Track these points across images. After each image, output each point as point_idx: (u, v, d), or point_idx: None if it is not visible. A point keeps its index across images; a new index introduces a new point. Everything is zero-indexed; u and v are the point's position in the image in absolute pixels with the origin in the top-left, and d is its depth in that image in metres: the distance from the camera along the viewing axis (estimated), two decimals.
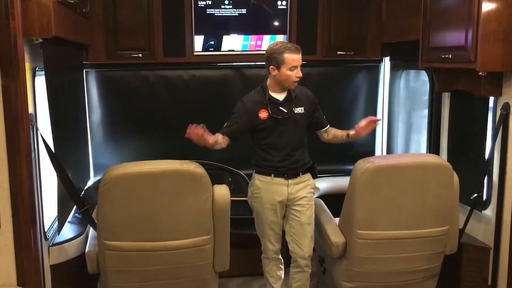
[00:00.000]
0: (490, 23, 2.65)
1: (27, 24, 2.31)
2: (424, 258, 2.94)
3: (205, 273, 2.82)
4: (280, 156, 2.99)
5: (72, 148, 3.42)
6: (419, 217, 2.85)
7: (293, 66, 2.90)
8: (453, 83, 3.19)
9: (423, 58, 3.24)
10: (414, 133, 4.08)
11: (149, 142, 4.23)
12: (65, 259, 2.90)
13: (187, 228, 2.68)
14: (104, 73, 4.12)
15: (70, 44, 3.23)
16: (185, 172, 2.61)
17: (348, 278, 2.98)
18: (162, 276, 2.75)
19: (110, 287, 2.74)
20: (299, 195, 3.03)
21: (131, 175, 2.57)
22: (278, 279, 3.23)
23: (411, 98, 4.11)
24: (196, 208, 2.66)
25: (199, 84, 4.22)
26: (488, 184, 3.08)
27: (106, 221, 2.62)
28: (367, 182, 2.78)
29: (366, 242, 2.86)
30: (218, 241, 2.79)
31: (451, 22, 2.93)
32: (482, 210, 3.11)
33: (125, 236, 2.63)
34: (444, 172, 2.83)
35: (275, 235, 3.11)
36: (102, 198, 2.58)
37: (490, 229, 3.04)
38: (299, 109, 3.01)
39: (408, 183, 2.81)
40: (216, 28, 4.05)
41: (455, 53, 2.88)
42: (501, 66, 2.72)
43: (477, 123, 3.21)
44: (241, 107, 3.01)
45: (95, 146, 4.21)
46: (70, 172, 2.94)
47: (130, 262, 2.68)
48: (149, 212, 2.61)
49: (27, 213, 2.34)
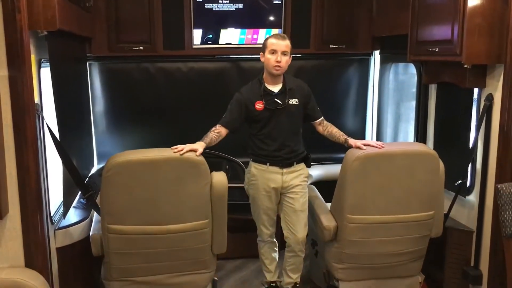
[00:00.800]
0: (475, 17, 2.75)
1: (33, 17, 2.36)
2: (411, 241, 3.06)
3: (203, 255, 2.94)
4: (275, 146, 3.09)
5: (77, 137, 3.51)
6: (406, 203, 2.97)
7: (272, 49, 2.99)
8: (440, 75, 3.28)
9: (412, 51, 3.33)
10: (402, 123, 4.19)
11: (149, 131, 4.32)
12: (70, 242, 2.98)
13: (187, 213, 2.79)
14: (106, 65, 4.20)
15: (74, 37, 3.30)
16: (185, 159, 2.71)
17: (339, 260, 3.10)
18: (162, 258, 2.86)
19: (114, 268, 2.85)
20: (292, 183, 3.13)
21: (134, 162, 2.67)
22: (272, 261, 3.36)
23: (399, 89, 4.21)
24: (195, 194, 2.77)
25: (197, 76, 4.31)
26: (472, 171, 3.19)
27: (110, 206, 2.72)
28: (357, 169, 2.90)
29: (356, 226, 2.98)
30: (216, 225, 2.90)
31: (439, 17, 3.02)
32: (466, 195, 3.23)
33: (128, 220, 2.73)
34: (431, 160, 2.95)
35: (269, 220, 3.24)
36: (105, 184, 2.68)
37: (473, 214, 3.16)
38: (293, 101, 3.10)
39: (396, 170, 2.92)
40: (214, 22, 4.14)
41: (442, 47, 2.98)
42: (485, 59, 2.82)
43: (462, 114, 3.32)
44: (239, 98, 3.11)
45: (98, 135, 4.30)
46: (74, 160, 3.02)
47: (133, 245, 2.78)
48: (150, 197, 2.72)
49: (34, 198, 2.39)
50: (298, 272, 3.27)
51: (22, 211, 2.40)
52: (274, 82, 3.09)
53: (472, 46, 2.78)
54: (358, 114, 4.66)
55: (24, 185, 2.38)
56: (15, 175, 2.36)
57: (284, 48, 2.99)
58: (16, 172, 2.36)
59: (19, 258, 2.43)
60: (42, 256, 2.48)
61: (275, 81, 3.09)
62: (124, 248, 2.80)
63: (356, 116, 4.66)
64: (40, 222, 2.47)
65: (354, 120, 4.65)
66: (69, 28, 2.82)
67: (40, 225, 2.46)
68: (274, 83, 3.09)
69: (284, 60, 3.00)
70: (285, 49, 3.00)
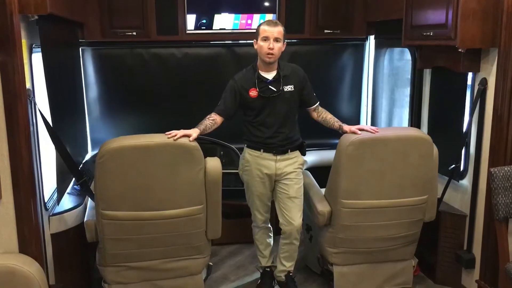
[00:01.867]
0: (469, 2, 2.75)
1: (23, 1, 2.33)
2: (404, 225, 3.08)
3: (198, 241, 2.95)
4: (269, 133, 3.07)
5: (70, 123, 3.49)
6: (400, 187, 2.98)
7: (265, 37, 2.95)
8: (434, 60, 3.28)
9: (406, 36, 3.32)
10: (397, 107, 4.19)
11: (143, 117, 4.31)
12: (64, 228, 2.99)
13: (181, 198, 2.79)
14: (99, 50, 4.16)
15: (66, 21, 3.25)
16: (178, 145, 2.70)
17: (333, 244, 3.12)
18: (157, 243, 2.87)
19: (108, 254, 2.86)
20: (286, 171, 3.12)
21: (127, 148, 2.66)
22: (267, 246, 3.36)
23: (394, 74, 4.20)
24: (189, 179, 2.77)
25: (191, 62, 4.28)
26: (465, 156, 3.21)
27: (103, 192, 2.72)
28: (352, 154, 2.91)
29: (350, 210, 3.00)
30: (211, 211, 2.91)
31: (433, 1, 3.01)
32: (459, 180, 3.26)
33: (122, 206, 2.73)
34: (425, 144, 2.95)
35: (263, 206, 3.24)
36: (99, 170, 2.68)
37: (467, 198, 3.19)
38: (288, 87, 3.07)
39: (390, 155, 2.93)
40: (208, 7, 4.10)
41: (436, 31, 2.97)
42: (479, 43, 2.83)
43: (456, 98, 3.32)
44: (232, 85, 3.08)
45: (92, 121, 4.28)
46: (68, 146, 3.01)
47: (127, 231, 2.79)
48: (144, 183, 2.71)
49: (27, 184, 2.38)
50: (292, 260, 3.26)
51: (15, 197, 2.38)
52: (268, 69, 3.06)
53: (466, 30, 2.79)
54: (352, 99, 4.64)
55: (17, 170, 2.36)
56: (7, 160, 2.34)
57: (276, 34, 2.95)
58: (9, 158, 2.34)
59: (13, 244, 2.42)
60: (36, 242, 2.47)
61: (269, 68, 3.06)
62: (118, 234, 2.80)
63: (351, 102, 4.64)
64: (34, 208, 2.45)
65: (349, 106, 4.64)
66: (61, 12, 2.78)
67: (33, 211, 2.44)
68: (268, 70, 3.07)
69: (277, 47, 2.97)
70: (278, 36, 2.96)
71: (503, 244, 2.66)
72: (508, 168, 2.66)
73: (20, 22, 2.34)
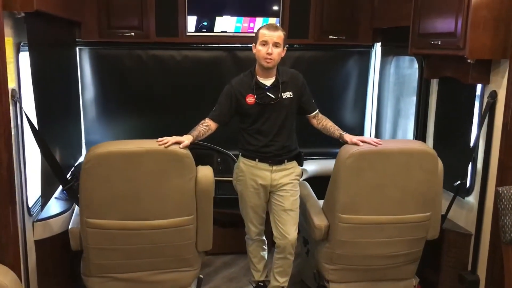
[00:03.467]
0: (480, 10, 2.61)
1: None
2: (405, 243, 2.94)
3: (187, 253, 2.82)
4: (264, 141, 2.96)
5: (61, 125, 3.39)
6: (402, 203, 2.85)
7: (263, 41, 2.84)
8: (442, 70, 3.15)
9: (413, 44, 3.19)
10: (402, 118, 4.06)
11: (141, 120, 4.23)
12: (50, 234, 2.88)
13: (170, 208, 2.67)
14: (97, 51, 4.08)
15: (60, 20, 3.17)
16: (168, 152, 2.58)
17: (330, 260, 2.98)
18: (144, 254, 2.74)
19: (93, 264, 2.73)
20: (282, 182, 2.99)
21: (114, 154, 2.55)
22: (261, 260, 3.23)
23: (400, 83, 4.06)
24: (179, 188, 2.65)
25: (191, 65, 4.18)
26: (472, 171, 3.07)
27: (88, 199, 2.60)
28: (351, 167, 2.77)
29: (348, 226, 2.86)
30: (201, 221, 2.78)
31: (442, 8, 2.88)
32: (465, 196, 3.11)
33: (108, 215, 2.62)
34: (429, 158, 2.81)
35: (258, 218, 3.11)
36: (84, 176, 2.56)
37: (472, 216, 3.03)
38: (287, 94, 2.95)
39: (392, 169, 2.80)
40: (210, 9, 4.00)
41: (445, 40, 2.84)
42: (489, 54, 2.68)
43: (464, 111, 3.18)
44: (229, 90, 2.97)
45: (88, 123, 4.19)
46: (59, 148, 2.90)
47: (112, 240, 2.67)
48: (131, 191, 2.60)
49: (5, 188, 2.28)
50: (286, 276, 3.11)
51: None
52: (267, 75, 2.94)
53: (476, 39, 2.65)
54: (357, 108, 4.52)
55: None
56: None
57: (276, 39, 2.83)
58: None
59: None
60: (13, 251, 2.38)
61: (267, 74, 2.93)
62: (104, 244, 2.68)
63: (354, 110, 4.52)
64: (12, 214, 2.35)
65: (352, 115, 4.52)
66: (51, 10, 2.68)
67: (12, 217, 2.35)
68: (267, 76, 2.94)
69: (276, 52, 2.84)
70: (277, 41, 2.83)
71: (509, 268, 2.49)
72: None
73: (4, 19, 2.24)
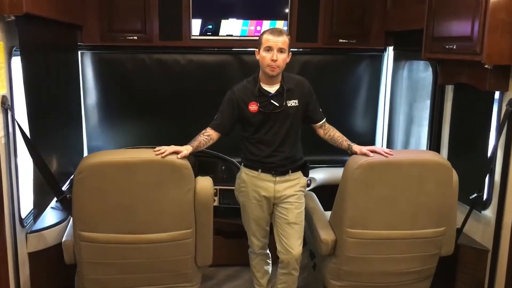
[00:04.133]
0: (499, 12, 2.47)
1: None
2: (417, 260, 2.80)
3: (185, 268, 2.70)
4: (267, 152, 2.83)
5: (60, 131, 3.30)
6: (414, 217, 2.70)
7: (268, 46, 2.70)
8: (457, 76, 3.00)
9: (427, 49, 3.05)
10: (415, 126, 3.90)
11: (144, 125, 4.17)
12: (44, 246, 2.80)
13: (167, 221, 2.56)
14: (99, 55, 4.01)
15: (58, 23, 3.08)
16: (165, 162, 2.47)
17: (337, 277, 2.84)
18: (140, 269, 2.63)
19: (86, 278, 2.62)
20: (286, 194, 2.86)
21: (108, 164, 2.44)
22: (265, 274, 3.11)
23: (413, 89, 3.91)
24: (176, 201, 2.53)
25: (196, 69, 4.10)
26: (489, 184, 2.91)
27: (81, 211, 2.50)
28: (359, 179, 2.63)
29: (356, 241, 2.72)
30: (200, 235, 2.66)
31: (457, 11, 2.74)
32: (481, 210, 2.95)
33: (101, 228, 2.51)
34: (443, 170, 2.67)
35: (261, 230, 2.98)
36: (77, 187, 2.46)
37: (489, 231, 2.88)
38: (292, 102, 2.82)
39: (403, 181, 2.66)
40: (215, 12, 3.90)
41: (460, 44, 2.70)
42: (508, 59, 2.53)
43: (480, 119, 3.02)
44: (231, 98, 2.85)
45: (90, 129, 4.13)
46: (58, 156, 2.82)
47: (107, 255, 2.56)
48: (126, 203, 2.49)
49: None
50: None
51: None
52: (271, 82, 2.81)
53: (494, 44, 2.50)
54: (368, 115, 4.39)
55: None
56: None
57: (281, 44, 2.69)
58: None
59: None
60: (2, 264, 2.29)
61: (271, 81, 2.80)
62: (98, 258, 2.57)
63: (366, 118, 4.39)
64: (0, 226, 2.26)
65: (363, 122, 4.39)
66: (44, 13, 2.58)
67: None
68: (271, 83, 2.81)
69: (281, 59, 2.70)
70: (282, 46, 2.70)
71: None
72: None
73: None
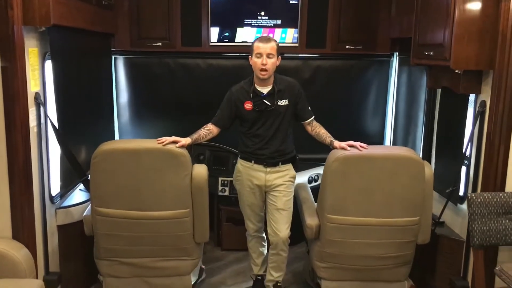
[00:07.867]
0: (465, 23, 2.70)
1: (29, 13, 2.59)
2: (394, 246, 3.03)
3: (185, 243, 3.08)
4: (260, 144, 3.15)
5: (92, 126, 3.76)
6: (388, 207, 2.95)
7: (258, 53, 3.04)
8: (441, 80, 3.22)
9: (414, 54, 3.29)
10: (414, 127, 4.11)
11: (169, 122, 4.52)
12: (71, 221, 3.23)
13: (167, 201, 2.95)
14: (130, 59, 4.46)
15: (90, 32, 3.52)
16: (165, 150, 2.87)
17: (321, 259, 3.13)
18: (145, 242, 3.04)
19: (101, 248, 3.07)
20: (276, 183, 3.18)
21: (117, 151, 2.88)
22: (260, 255, 3.43)
23: (412, 93, 4.11)
24: (175, 184, 2.92)
25: (215, 72, 4.46)
26: (466, 179, 3.11)
27: (97, 190, 2.94)
28: (336, 170, 2.92)
29: (335, 226, 3.00)
30: (197, 215, 3.03)
31: (434, 21, 2.97)
32: (458, 203, 3.16)
33: (113, 204, 2.94)
34: (414, 165, 2.90)
35: (255, 215, 3.31)
36: (93, 169, 2.90)
37: (465, 223, 3.05)
38: (282, 102, 3.14)
39: (377, 174, 2.91)
40: (231, 21, 4.27)
41: (435, 50, 2.94)
42: (474, 65, 2.76)
43: (459, 119, 3.22)
44: (229, 97, 3.22)
45: (122, 125, 4.58)
46: (90, 147, 3.24)
47: (117, 227, 2.99)
48: (133, 184, 2.90)
49: (22, 178, 2.64)
50: (280, 271, 3.30)
51: (11, 189, 2.66)
52: (264, 84, 3.15)
53: (460, 51, 2.74)
54: (377, 117, 4.60)
55: (13, 165, 2.63)
56: (5, 156, 2.62)
57: (269, 50, 3.03)
58: (6, 154, 2.62)
59: (7, 230, 2.70)
60: (28, 230, 2.74)
61: (264, 83, 3.14)
62: (110, 230, 3.01)
63: (375, 120, 4.61)
64: (29, 198, 2.72)
65: (373, 124, 4.61)
66: (70, 23, 3.00)
67: (28, 202, 2.72)
68: (264, 85, 3.15)
69: (270, 63, 3.04)
70: (271, 52, 3.03)
71: (478, 271, 2.56)
72: (487, 195, 2.57)
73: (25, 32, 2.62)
